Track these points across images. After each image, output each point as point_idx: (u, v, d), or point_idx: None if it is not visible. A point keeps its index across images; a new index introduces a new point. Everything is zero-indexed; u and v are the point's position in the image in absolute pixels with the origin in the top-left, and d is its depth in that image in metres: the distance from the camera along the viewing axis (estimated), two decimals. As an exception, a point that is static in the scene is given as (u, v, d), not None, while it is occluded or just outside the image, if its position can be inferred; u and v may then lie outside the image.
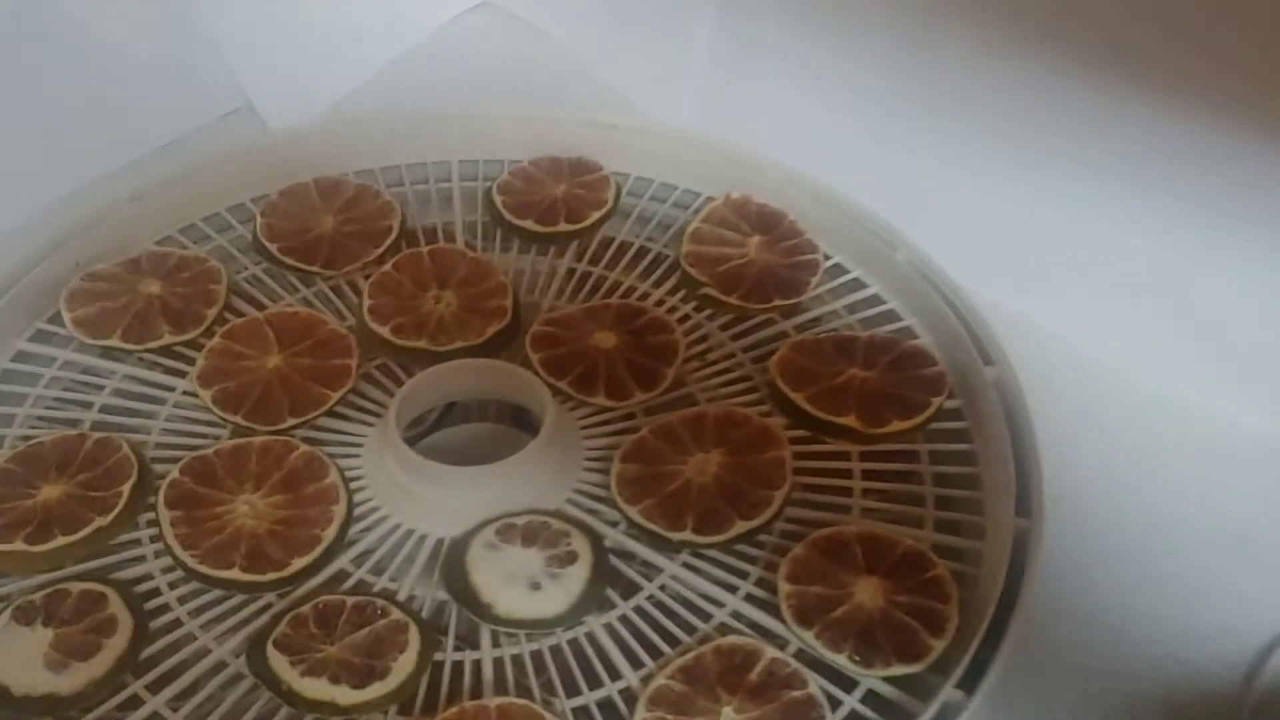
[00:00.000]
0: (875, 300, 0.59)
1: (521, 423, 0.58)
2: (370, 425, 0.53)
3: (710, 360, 0.56)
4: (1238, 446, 0.60)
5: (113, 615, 0.44)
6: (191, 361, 0.54)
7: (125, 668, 0.43)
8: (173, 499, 0.48)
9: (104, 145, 0.73)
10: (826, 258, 0.60)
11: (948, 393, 0.52)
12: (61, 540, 0.46)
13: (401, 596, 0.46)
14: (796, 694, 0.42)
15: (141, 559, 0.48)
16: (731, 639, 0.44)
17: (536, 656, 0.45)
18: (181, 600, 0.46)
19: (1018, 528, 0.46)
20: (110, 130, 0.74)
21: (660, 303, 0.59)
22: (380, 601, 0.45)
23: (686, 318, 0.58)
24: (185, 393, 0.54)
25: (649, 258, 0.62)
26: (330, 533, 0.47)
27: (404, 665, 0.43)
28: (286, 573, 0.46)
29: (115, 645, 0.43)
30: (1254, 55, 0.51)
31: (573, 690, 0.44)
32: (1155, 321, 0.62)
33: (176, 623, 0.45)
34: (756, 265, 0.59)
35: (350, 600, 0.45)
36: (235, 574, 0.45)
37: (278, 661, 0.42)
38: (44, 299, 0.57)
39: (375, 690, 0.42)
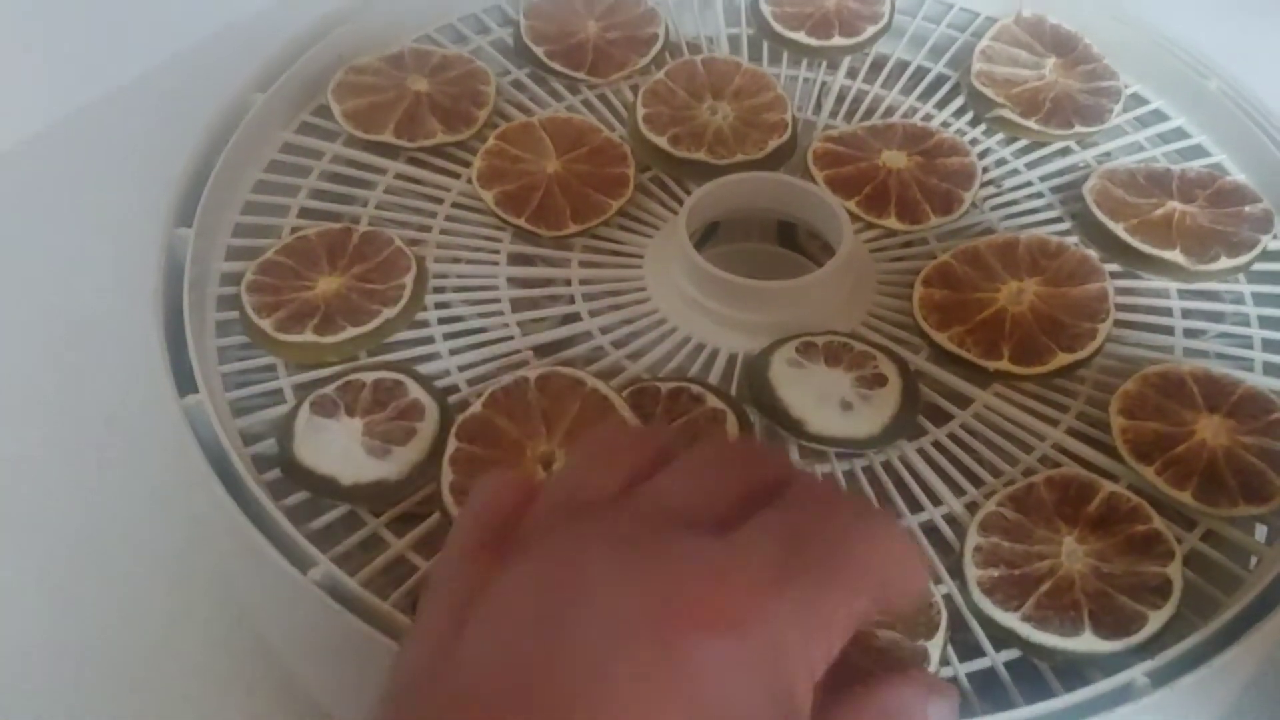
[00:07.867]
0: (1180, 133, 0.55)
1: (790, 244, 0.56)
2: (648, 237, 0.51)
3: (1006, 187, 0.53)
4: None
5: (416, 400, 0.43)
6: (462, 162, 0.53)
7: (441, 451, 0.42)
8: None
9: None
10: (1125, 86, 0.56)
11: (1274, 232, 0.49)
12: (351, 332, 0.46)
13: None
14: (1141, 528, 0.40)
15: (436, 355, 0.47)
16: (1064, 470, 0.42)
17: (849, 476, 0.43)
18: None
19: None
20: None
21: (945, 125, 0.55)
22: (695, 388, 0.44)
23: (975, 142, 0.55)
24: (461, 194, 0.52)
25: (928, 79, 0.58)
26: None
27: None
28: None
29: (426, 430, 0.43)
30: None
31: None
32: None
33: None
34: (1054, 89, 0.55)
35: (664, 387, 0.44)
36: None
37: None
38: (308, 90, 0.55)
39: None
